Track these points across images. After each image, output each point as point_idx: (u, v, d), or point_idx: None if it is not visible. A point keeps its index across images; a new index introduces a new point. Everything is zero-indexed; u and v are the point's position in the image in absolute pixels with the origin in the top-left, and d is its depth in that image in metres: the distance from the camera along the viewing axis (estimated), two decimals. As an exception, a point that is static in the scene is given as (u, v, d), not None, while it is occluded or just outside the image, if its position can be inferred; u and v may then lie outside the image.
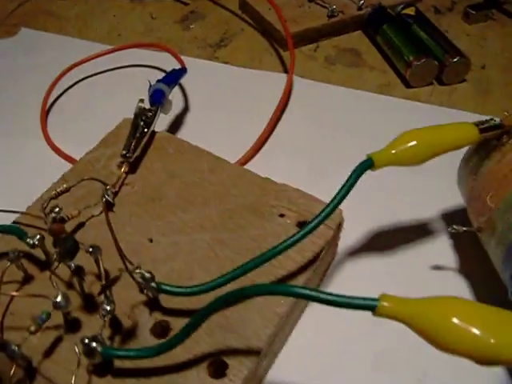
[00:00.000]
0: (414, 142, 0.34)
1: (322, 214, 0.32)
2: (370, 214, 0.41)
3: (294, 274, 0.34)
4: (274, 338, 0.32)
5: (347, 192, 0.32)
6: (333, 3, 0.62)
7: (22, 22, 0.64)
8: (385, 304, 0.24)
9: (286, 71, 0.57)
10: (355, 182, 0.32)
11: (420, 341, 0.23)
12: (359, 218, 0.39)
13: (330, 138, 0.47)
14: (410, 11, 0.61)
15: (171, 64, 0.52)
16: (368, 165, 0.33)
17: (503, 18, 0.67)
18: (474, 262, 0.39)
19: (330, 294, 0.25)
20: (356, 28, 0.63)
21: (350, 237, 0.40)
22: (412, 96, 0.54)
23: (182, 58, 0.55)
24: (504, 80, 0.57)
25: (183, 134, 0.49)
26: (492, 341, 0.23)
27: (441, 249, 0.40)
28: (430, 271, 0.39)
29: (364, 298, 0.24)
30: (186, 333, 0.27)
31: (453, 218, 0.42)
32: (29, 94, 0.53)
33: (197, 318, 0.27)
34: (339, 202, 0.32)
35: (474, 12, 0.65)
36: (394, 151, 0.33)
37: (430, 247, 0.40)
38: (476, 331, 0.23)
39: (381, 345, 0.35)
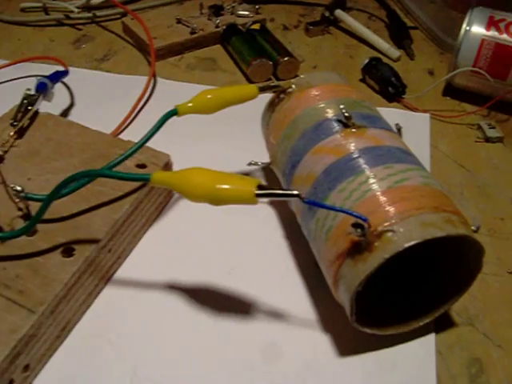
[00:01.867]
0: (209, 96, 0.48)
1: (133, 149, 0.46)
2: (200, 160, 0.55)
3: (126, 195, 0.48)
4: (113, 236, 0.45)
5: (155, 132, 0.47)
6: (195, 23, 0.77)
7: None
8: (155, 176, 0.38)
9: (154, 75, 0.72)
10: (161, 124, 0.46)
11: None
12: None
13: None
14: (256, 27, 0.78)
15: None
16: (173, 113, 0.47)
17: (337, 33, 0.85)
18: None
19: (119, 172, 0.40)
20: (215, 42, 0.79)
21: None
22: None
23: (72, 69, 0.69)
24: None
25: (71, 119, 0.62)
26: (216, 186, 0.37)
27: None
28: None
29: (142, 174, 0.39)
30: (37, 216, 0.41)
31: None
32: None
33: (42, 206, 0.41)
34: (148, 139, 0.47)
35: (312, 27, 0.82)
36: (190, 104, 0.47)
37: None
38: (206, 182, 0.37)
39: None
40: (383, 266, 0.35)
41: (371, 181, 0.38)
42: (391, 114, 0.61)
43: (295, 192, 0.34)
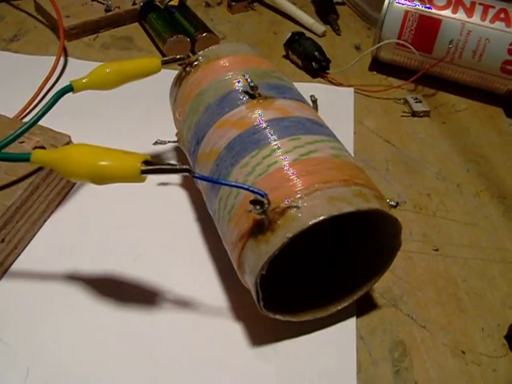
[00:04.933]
0: (107, 70, 0.44)
1: (23, 128, 0.42)
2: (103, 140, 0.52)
3: (20, 180, 0.44)
4: (5, 224, 0.42)
5: (47, 110, 0.42)
6: (111, 1, 0.72)
7: None
8: (35, 155, 0.34)
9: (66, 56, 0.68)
10: (54, 102, 0.43)
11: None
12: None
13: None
14: (174, 3, 0.73)
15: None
16: (68, 89, 0.43)
17: (262, 9, 0.81)
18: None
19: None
20: (133, 20, 0.75)
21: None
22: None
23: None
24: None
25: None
26: (99, 163, 0.33)
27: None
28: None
29: (22, 153, 0.35)
30: None
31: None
32: None
33: None
34: (39, 119, 0.43)
35: (234, 3, 0.78)
36: (86, 80, 0.44)
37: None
38: (87, 159, 0.33)
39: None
40: (291, 244, 0.32)
41: (275, 154, 0.35)
42: (314, 89, 0.59)
43: (185, 167, 0.31)
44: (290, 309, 0.38)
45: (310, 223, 0.31)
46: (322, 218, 0.32)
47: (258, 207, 0.31)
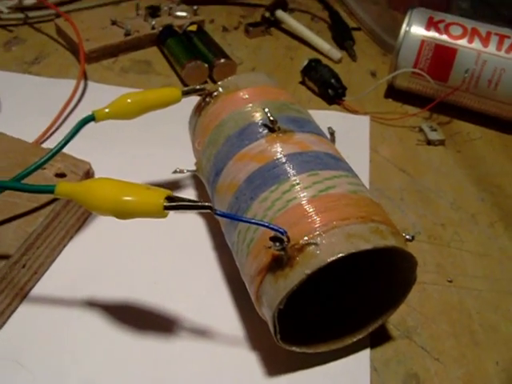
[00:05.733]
0: (128, 101, 0.45)
1: (46, 157, 0.43)
2: (123, 168, 0.54)
3: (42, 207, 0.45)
4: (27, 250, 0.42)
5: (69, 140, 0.43)
6: (131, 25, 0.74)
7: None
8: (59, 188, 0.35)
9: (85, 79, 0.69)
10: (76, 131, 0.43)
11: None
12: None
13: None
14: (193, 28, 0.74)
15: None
16: (90, 119, 0.44)
17: (278, 34, 0.82)
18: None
19: (23, 184, 0.38)
20: (152, 44, 0.76)
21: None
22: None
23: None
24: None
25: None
26: (123, 198, 0.34)
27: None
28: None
29: (46, 185, 0.36)
30: None
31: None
32: None
33: None
34: (61, 148, 0.43)
35: (251, 28, 0.79)
36: (108, 110, 0.45)
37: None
38: (111, 194, 0.34)
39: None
40: (310, 279, 0.33)
41: (295, 189, 0.36)
42: (330, 116, 0.59)
43: (207, 204, 0.32)
44: (305, 340, 0.38)
45: (329, 260, 0.32)
46: (340, 255, 0.32)
47: (277, 244, 0.32)
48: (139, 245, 0.48)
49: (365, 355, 0.42)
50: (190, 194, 0.53)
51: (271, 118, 0.40)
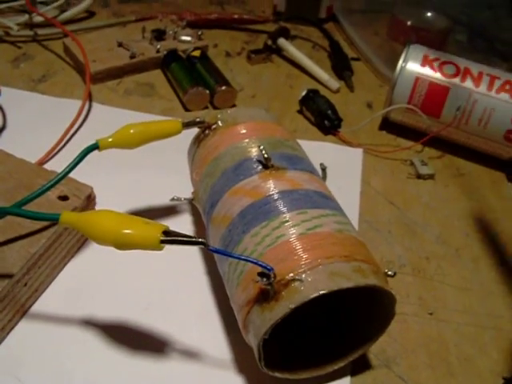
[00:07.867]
0: (131, 131, 0.48)
1: (51, 183, 0.45)
2: (123, 193, 0.57)
3: (44, 228, 0.47)
4: (29, 270, 0.45)
5: (73, 168, 0.46)
6: (136, 47, 0.77)
7: None
8: (64, 217, 0.38)
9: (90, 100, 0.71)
10: (81, 159, 0.46)
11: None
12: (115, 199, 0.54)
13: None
14: (196, 53, 0.77)
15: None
16: (94, 147, 0.46)
17: (280, 62, 0.85)
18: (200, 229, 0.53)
19: (28, 211, 0.40)
20: (156, 67, 0.79)
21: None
22: (189, 117, 0.63)
23: (7, 89, 0.69)
24: (269, 105, 0.76)
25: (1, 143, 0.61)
26: (123, 231, 0.36)
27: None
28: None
29: (51, 213, 0.38)
30: None
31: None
32: None
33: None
34: (66, 175, 0.46)
35: (253, 55, 0.82)
36: (111, 139, 0.47)
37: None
38: (111, 227, 0.36)
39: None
40: (295, 311, 0.35)
41: (284, 226, 0.38)
42: (324, 148, 0.62)
43: (200, 239, 0.34)
44: (288, 366, 0.41)
45: (311, 297, 0.35)
46: (322, 292, 0.35)
47: (264, 279, 0.35)
48: (135, 267, 0.50)
49: (345, 383, 0.43)
50: (186, 219, 0.56)
51: (265, 156, 0.42)
